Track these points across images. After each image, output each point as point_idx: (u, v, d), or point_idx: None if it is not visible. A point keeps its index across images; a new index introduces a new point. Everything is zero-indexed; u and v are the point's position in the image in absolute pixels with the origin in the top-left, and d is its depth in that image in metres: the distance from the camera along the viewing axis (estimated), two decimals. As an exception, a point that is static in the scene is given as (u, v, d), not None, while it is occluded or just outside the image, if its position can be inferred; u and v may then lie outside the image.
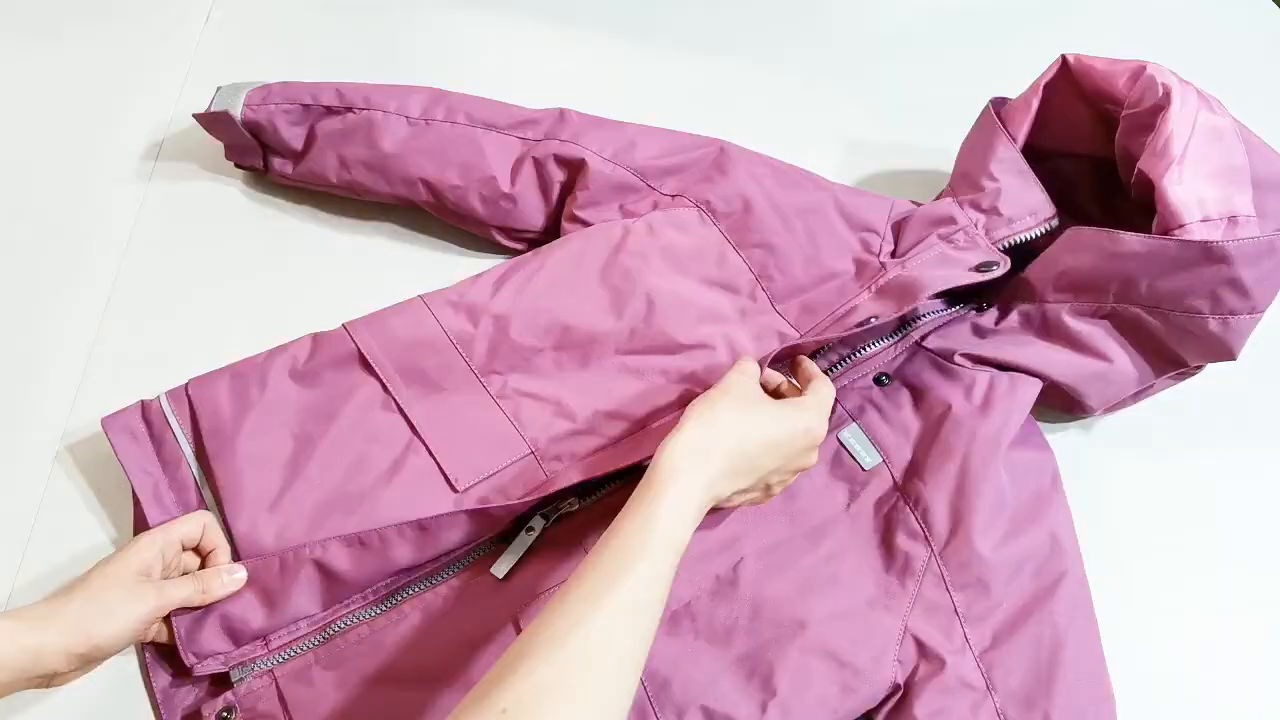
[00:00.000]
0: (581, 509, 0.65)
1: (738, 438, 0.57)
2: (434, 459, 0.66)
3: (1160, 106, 0.65)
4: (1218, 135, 0.64)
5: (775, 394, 0.64)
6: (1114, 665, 0.62)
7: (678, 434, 0.56)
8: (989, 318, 0.70)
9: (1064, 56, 0.71)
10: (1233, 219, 0.63)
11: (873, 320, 0.67)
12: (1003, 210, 0.70)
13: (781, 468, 0.59)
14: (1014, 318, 0.69)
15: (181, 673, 0.60)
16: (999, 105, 0.75)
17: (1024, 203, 0.70)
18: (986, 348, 0.68)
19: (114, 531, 0.67)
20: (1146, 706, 0.64)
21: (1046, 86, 0.71)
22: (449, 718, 0.46)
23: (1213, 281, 0.62)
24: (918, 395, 0.68)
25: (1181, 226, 0.62)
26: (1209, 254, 0.61)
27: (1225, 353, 0.66)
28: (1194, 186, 0.63)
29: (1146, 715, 0.64)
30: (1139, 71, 0.67)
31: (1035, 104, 0.72)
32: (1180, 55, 0.94)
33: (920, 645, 0.61)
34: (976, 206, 0.71)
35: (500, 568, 0.63)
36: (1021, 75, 0.73)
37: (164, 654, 0.61)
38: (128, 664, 0.62)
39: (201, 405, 0.66)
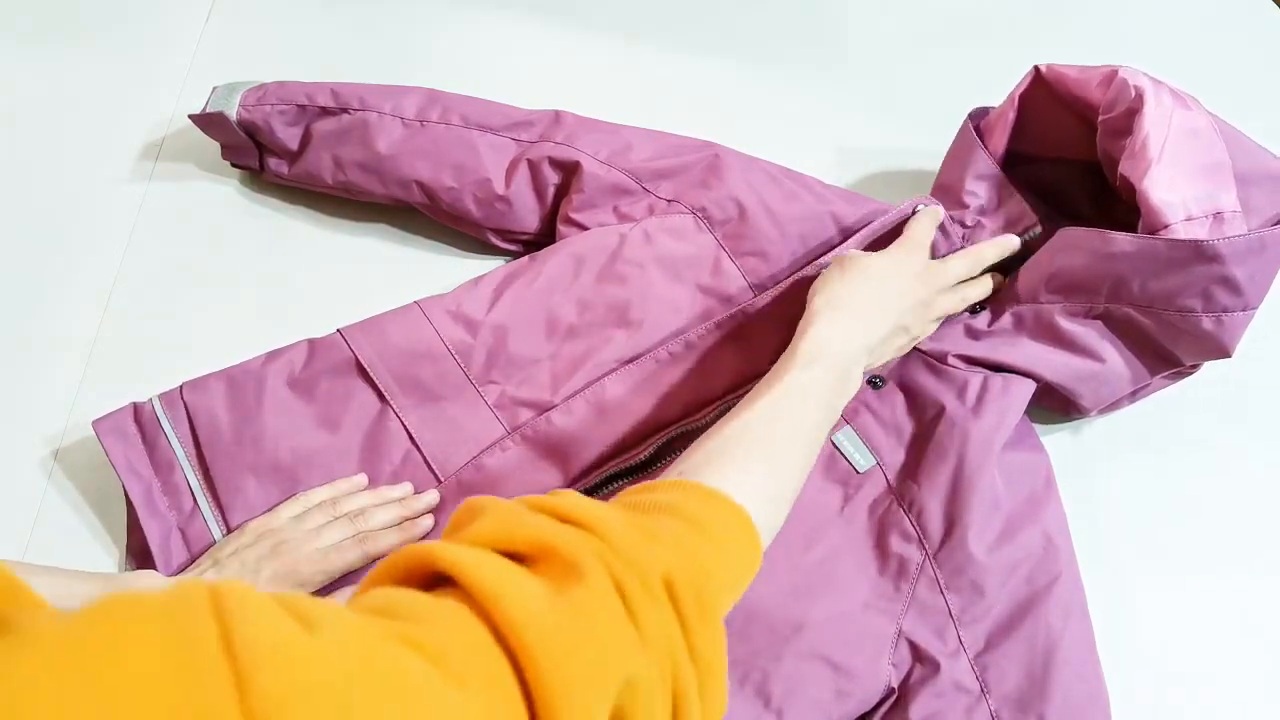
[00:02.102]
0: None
1: (851, 290, 0.62)
2: (430, 470, 0.66)
3: (1134, 109, 0.65)
4: (1195, 133, 0.64)
5: None
6: (1109, 666, 0.62)
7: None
8: (982, 319, 0.69)
9: (1036, 67, 0.71)
10: (1218, 215, 0.63)
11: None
12: (985, 223, 0.70)
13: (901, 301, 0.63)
14: (1007, 319, 0.69)
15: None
16: (979, 117, 0.74)
17: (1004, 214, 0.70)
18: (980, 349, 0.68)
19: (113, 532, 0.68)
20: (1142, 707, 0.64)
21: (1022, 97, 0.71)
22: (626, 492, 0.48)
23: (1205, 280, 0.62)
24: (911, 397, 0.69)
25: (1166, 227, 0.62)
26: (1200, 253, 0.61)
27: (1220, 350, 0.66)
28: (1176, 186, 0.63)
29: (1142, 716, 0.64)
30: (1111, 76, 0.67)
31: (1011, 116, 0.71)
32: (1180, 55, 0.94)
33: (914, 648, 0.61)
34: (961, 222, 0.72)
35: None
36: (1020, 77, 0.73)
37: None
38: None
39: (198, 412, 0.66)
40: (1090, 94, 0.68)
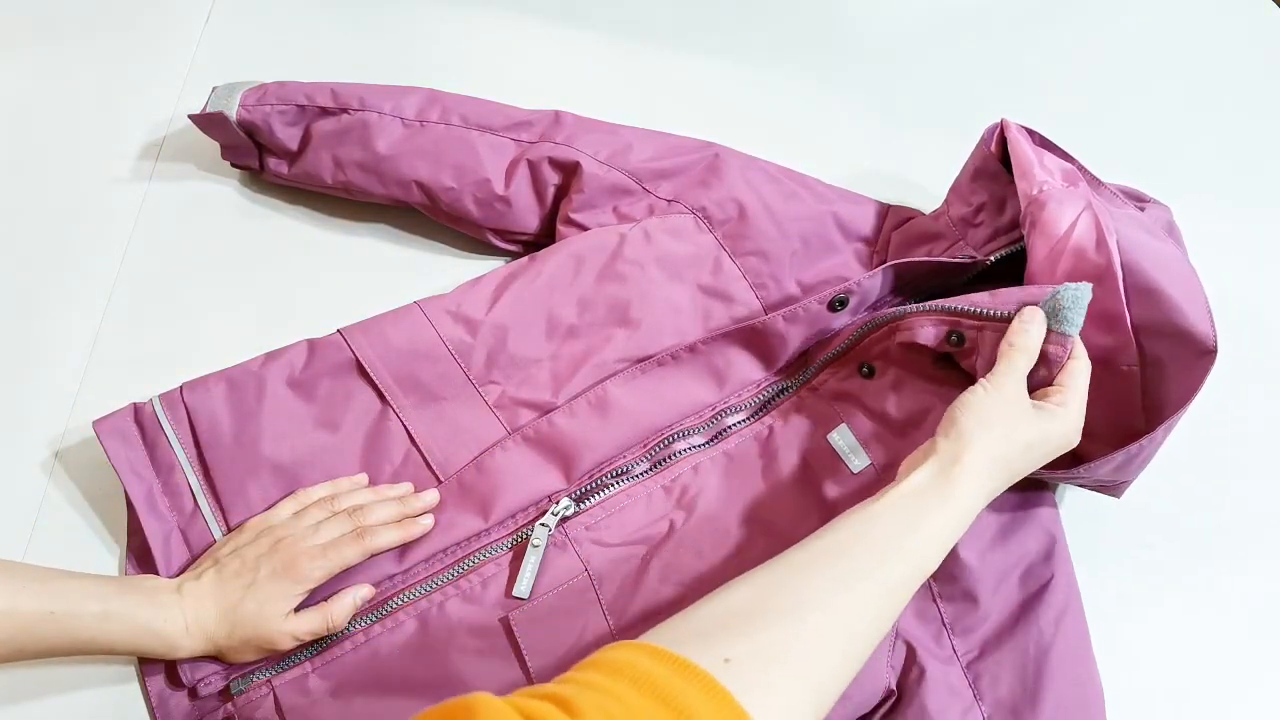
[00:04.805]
0: (579, 512, 0.65)
1: (1008, 441, 0.55)
2: (431, 470, 0.66)
3: (1028, 239, 0.63)
4: (1094, 279, 0.62)
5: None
6: (1107, 666, 0.62)
7: (969, 432, 0.54)
8: None
9: (1003, 131, 0.70)
10: (1106, 365, 0.63)
11: (851, 289, 0.67)
12: (987, 224, 0.70)
13: (1027, 469, 0.58)
14: None
15: (178, 684, 0.61)
16: (993, 132, 0.73)
17: (1005, 216, 0.70)
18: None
19: (114, 533, 0.68)
20: (1141, 707, 0.65)
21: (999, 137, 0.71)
22: (658, 629, 0.46)
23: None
24: (902, 389, 0.68)
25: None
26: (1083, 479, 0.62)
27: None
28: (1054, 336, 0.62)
29: (1141, 716, 0.65)
30: (1026, 194, 0.65)
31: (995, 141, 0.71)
32: (1180, 55, 0.95)
33: (911, 651, 0.61)
34: (967, 222, 0.72)
35: (522, 589, 0.63)
36: (1023, 77, 0.73)
37: (160, 665, 0.62)
38: (125, 675, 0.63)
39: (198, 413, 0.67)
40: (1018, 187, 0.67)
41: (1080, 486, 0.67)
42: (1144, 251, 0.62)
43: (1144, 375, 0.62)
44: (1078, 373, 0.58)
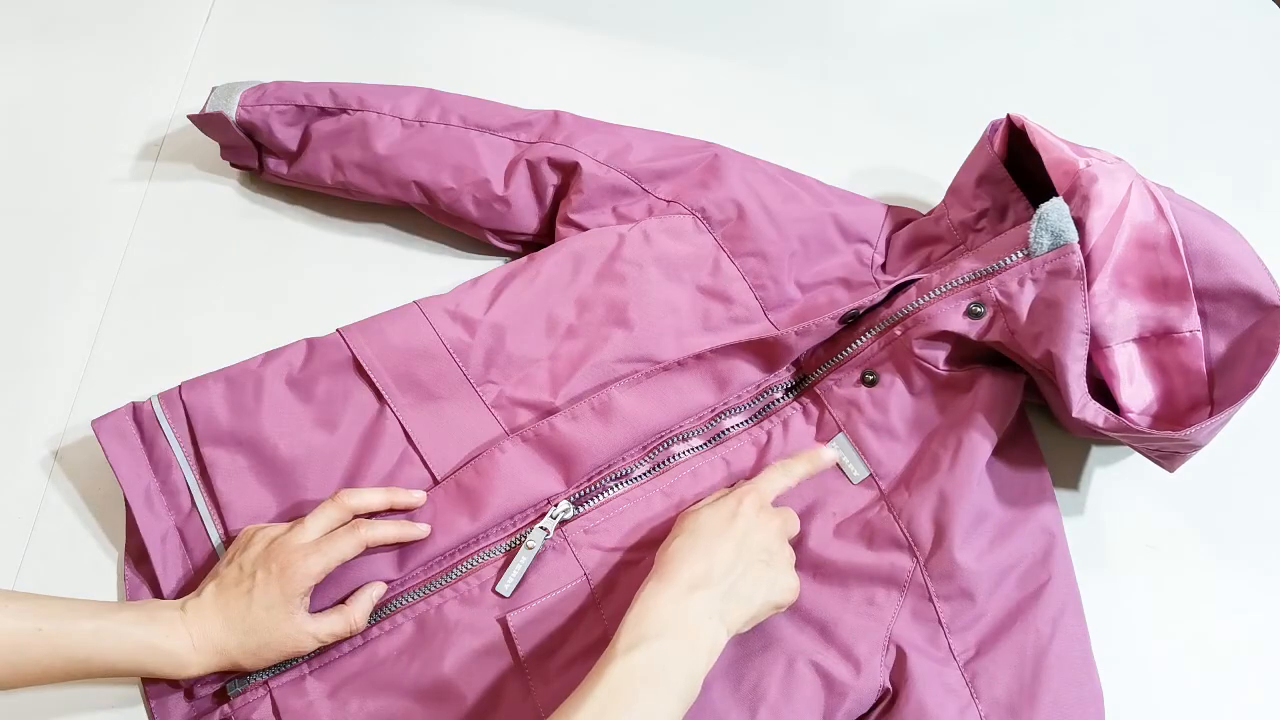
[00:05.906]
0: (578, 516, 0.66)
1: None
2: (428, 469, 0.66)
3: (1080, 216, 0.63)
4: (1151, 246, 0.63)
5: None
6: (1108, 666, 0.62)
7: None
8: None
9: (1009, 120, 0.70)
10: (1168, 335, 0.63)
11: (864, 306, 0.67)
12: (989, 230, 0.70)
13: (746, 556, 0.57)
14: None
15: (176, 684, 0.61)
16: (995, 129, 0.73)
17: (1007, 222, 0.70)
18: (973, 346, 0.68)
19: (113, 533, 0.68)
20: (1141, 706, 0.65)
21: (1006, 133, 0.71)
22: None
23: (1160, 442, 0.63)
24: (904, 396, 0.68)
25: (1103, 350, 0.63)
26: (1180, 442, 0.62)
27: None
28: (1118, 306, 0.63)
29: (1140, 714, 0.65)
30: (1070, 168, 0.65)
31: (1000, 140, 0.71)
32: (1180, 56, 0.94)
33: (905, 654, 0.61)
34: (968, 227, 0.72)
35: (505, 586, 0.63)
36: (1023, 77, 0.73)
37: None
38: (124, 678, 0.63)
39: (196, 411, 0.67)
40: (1052, 166, 0.67)
41: (1142, 452, 0.66)
42: (1195, 219, 0.63)
43: (1206, 340, 0.63)
44: None
